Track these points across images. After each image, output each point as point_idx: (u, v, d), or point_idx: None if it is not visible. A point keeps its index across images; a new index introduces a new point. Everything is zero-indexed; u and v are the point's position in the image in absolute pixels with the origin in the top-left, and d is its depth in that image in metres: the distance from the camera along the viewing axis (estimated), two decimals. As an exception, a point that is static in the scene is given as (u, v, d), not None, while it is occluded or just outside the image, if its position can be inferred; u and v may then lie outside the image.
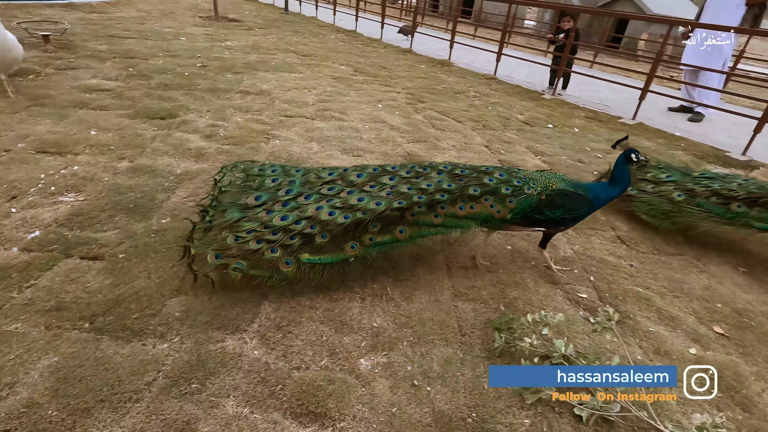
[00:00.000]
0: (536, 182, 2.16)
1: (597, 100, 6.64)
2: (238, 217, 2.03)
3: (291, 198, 2.13)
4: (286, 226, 1.96)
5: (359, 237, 1.99)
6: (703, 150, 4.85)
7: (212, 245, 1.92)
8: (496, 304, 2.11)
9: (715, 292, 2.39)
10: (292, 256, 1.91)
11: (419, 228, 2.08)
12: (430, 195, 2.08)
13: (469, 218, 2.12)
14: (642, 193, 2.97)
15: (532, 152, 4.21)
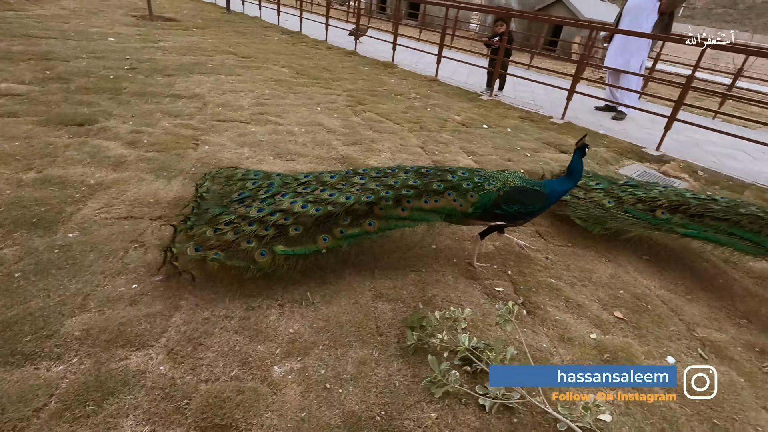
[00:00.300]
0: (495, 179, 2.35)
1: (531, 101, 6.98)
2: (219, 212, 2.19)
3: (269, 196, 2.28)
4: (261, 218, 2.08)
5: (330, 229, 2.11)
6: (622, 146, 5.22)
7: (192, 240, 2.01)
8: (415, 303, 2.17)
9: (619, 280, 2.58)
10: (267, 247, 2.01)
11: (387, 221, 2.22)
12: (396, 190, 2.25)
13: (433, 212, 2.29)
14: (575, 199, 3.04)
15: (465, 152, 4.36)
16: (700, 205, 2.66)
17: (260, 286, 2.09)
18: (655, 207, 2.76)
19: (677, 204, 2.71)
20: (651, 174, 4.54)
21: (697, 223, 2.63)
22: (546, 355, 1.94)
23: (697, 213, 2.64)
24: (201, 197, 2.36)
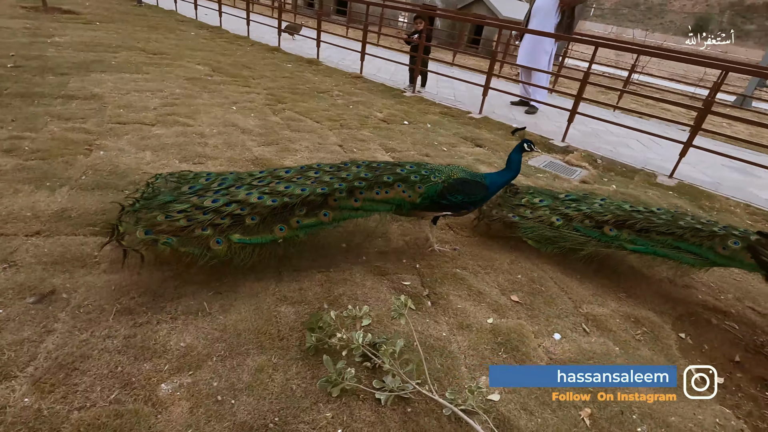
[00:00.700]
0: (441, 172, 2.53)
1: (452, 97, 7.23)
2: (169, 200, 2.14)
3: (223, 188, 2.26)
4: (217, 207, 2.09)
5: (287, 220, 2.19)
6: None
7: (141, 223, 1.97)
8: (320, 304, 2.16)
9: (519, 265, 2.76)
10: (223, 235, 2.03)
11: (341, 212, 2.33)
12: (349, 182, 2.35)
13: (384, 202, 2.43)
14: (524, 220, 2.88)
15: (384, 149, 4.41)
16: (644, 219, 2.62)
17: (149, 300, 1.97)
18: (603, 223, 2.68)
19: (623, 219, 2.65)
20: (556, 164, 4.89)
21: (644, 239, 2.59)
22: (444, 344, 2.01)
23: (643, 228, 2.60)
24: (152, 189, 2.27)
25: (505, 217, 2.90)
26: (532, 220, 2.86)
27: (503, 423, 1.67)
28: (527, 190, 3.21)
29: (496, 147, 5.01)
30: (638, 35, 25.63)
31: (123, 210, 2.04)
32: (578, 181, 4.45)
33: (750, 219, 4.16)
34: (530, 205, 2.98)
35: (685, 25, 50.62)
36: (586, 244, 2.67)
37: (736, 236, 2.45)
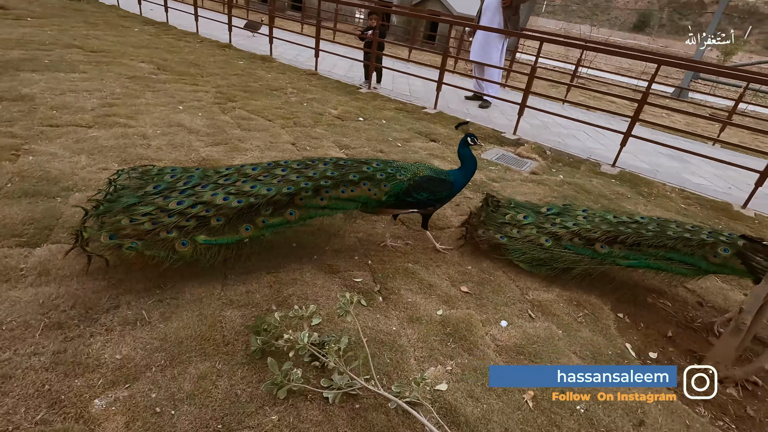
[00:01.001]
0: (407, 170, 2.55)
1: (407, 92, 7.27)
2: (133, 202, 2.11)
3: (188, 188, 2.23)
4: (181, 210, 2.07)
5: (253, 219, 2.18)
6: (486, 132, 5.70)
7: (105, 228, 1.96)
8: (268, 305, 2.12)
9: (469, 256, 2.82)
10: (188, 237, 2.02)
11: (308, 210, 2.33)
12: (315, 181, 2.35)
13: (350, 201, 2.43)
14: (512, 241, 2.75)
15: (337, 146, 4.38)
16: (633, 233, 2.57)
17: (81, 313, 1.87)
18: (593, 240, 2.60)
19: (613, 235, 2.58)
20: (508, 156, 5.03)
21: (636, 253, 2.54)
22: (394, 338, 2.03)
23: (634, 242, 2.54)
24: (114, 188, 2.25)
25: (493, 238, 2.77)
26: (520, 240, 2.74)
27: (450, 412, 1.70)
28: (508, 203, 3.10)
29: (449, 141, 5.09)
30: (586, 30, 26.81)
31: (86, 215, 2.03)
32: (528, 172, 4.60)
33: (684, 203, 4.45)
34: (515, 222, 2.88)
35: (629, 21, 53.23)
36: (579, 262, 2.58)
37: (725, 243, 2.44)
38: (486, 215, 2.97)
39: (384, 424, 1.62)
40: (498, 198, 3.16)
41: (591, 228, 2.67)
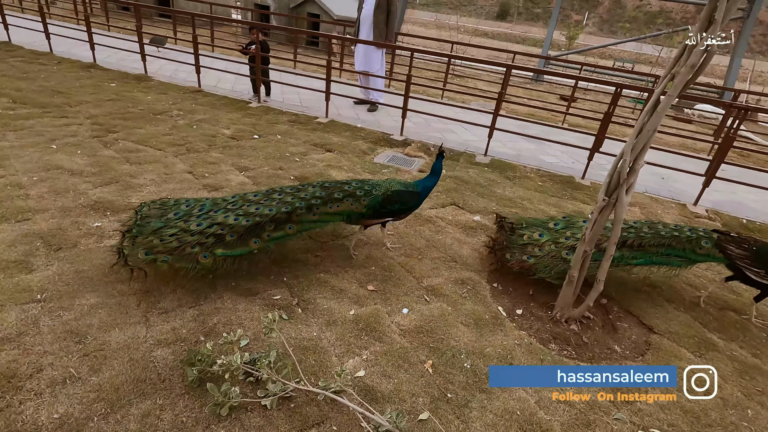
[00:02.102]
0: (380, 186, 3.07)
1: (298, 103, 7.49)
2: (160, 225, 2.58)
3: (203, 213, 2.72)
4: (201, 230, 2.57)
5: (259, 234, 2.69)
6: (376, 136, 6.21)
7: (141, 247, 2.45)
8: (196, 338, 2.31)
9: (372, 259, 3.26)
10: (209, 251, 2.52)
11: (303, 224, 2.86)
12: (307, 201, 2.87)
13: (337, 214, 2.98)
14: (538, 260, 3.02)
15: (237, 169, 4.50)
16: (635, 236, 3.02)
17: (2, 383, 1.89)
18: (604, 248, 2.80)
19: (622, 240, 2.95)
20: (398, 157, 5.59)
21: (642, 252, 2.98)
22: (316, 342, 2.38)
23: (639, 244, 2.99)
24: (141, 217, 2.68)
25: (522, 261, 3.04)
26: (545, 257, 3.02)
27: (368, 391, 2.12)
28: (520, 224, 3.34)
29: (344, 150, 5.49)
30: (456, 20, 29.25)
31: (123, 236, 2.55)
32: (417, 171, 5.20)
33: (540, 180, 5.44)
34: (534, 242, 3.13)
35: (492, 10, 58.49)
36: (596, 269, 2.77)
37: (704, 236, 3.05)
38: (507, 239, 3.23)
39: (317, 415, 1.98)
40: (510, 219, 3.42)
41: (600, 237, 2.88)
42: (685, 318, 3.04)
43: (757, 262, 2.95)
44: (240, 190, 3.97)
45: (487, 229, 3.87)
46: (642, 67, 23.42)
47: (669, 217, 4.85)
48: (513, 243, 3.19)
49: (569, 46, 27.59)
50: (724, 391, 2.44)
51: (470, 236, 3.66)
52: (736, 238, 3.08)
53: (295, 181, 4.35)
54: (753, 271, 2.95)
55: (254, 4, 14.71)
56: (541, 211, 4.45)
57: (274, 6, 14.29)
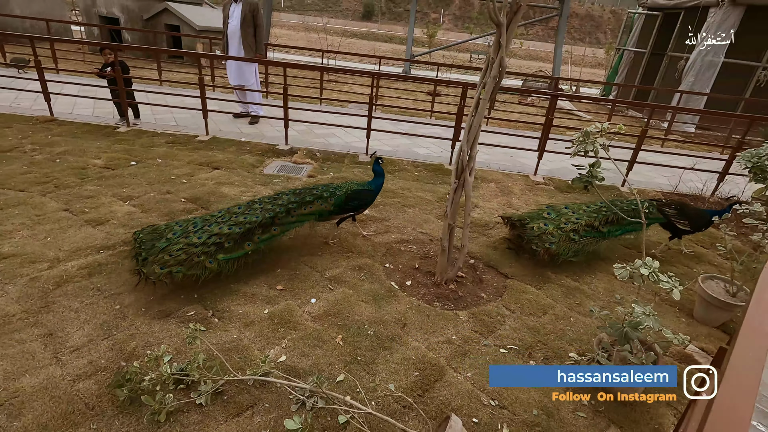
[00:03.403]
0: (342, 188, 3.74)
1: (174, 122, 7.26)
2: (166, 244, 3.01)
3: (198, 229, 3.16)
4: (203, 242, 3.04)
5: (251, 238, 3.23)
6: (262, 148, 6.40)
7: (155, 264, 2.87)
8: (116, 364, 2.43)
9: (278, 261, 3.57)
10: (212, 257, 3.02)
11: (284, 225, 3.43)
12: (285, 206, 3.44)
13: (311, 214, 3.58)
14: (557, 244, 3.69)
15: (120, 199, 4.38)
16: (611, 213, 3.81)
17: None
18: (596, 226, 3.80)
19: (604, 219, 3.82)
20: (287, 166, 5.88)
21: (617, 225, 3.84)
22: (237, 343, 2.66)
23: (614, 219, 3.80)
24: (140, 242, 3.11)
25: (547, 249, 3.66)
26: (561, 241, 3.71)
27: (292, 370, 2.49)
28: (524, 219, 3.94)
29: (232, 165, 5.60)
30: (324, 22, 29.83)
31: (136, 260, 2.98)
32: (306, 176, 5.57)
33: (416, 171, 6.22)
34: (543, 231, 3.76)
35: (358, 11, 60.46)
36: (592, 244, 3.81)
37: (650, 204, 4.00)
38: (525, 234, 3.81)
39: (249, 399, 2.29)
40: (516, 217, 4.03)
41: (592, 218, 3.83)
42: (528, 263, 3.97)
43: (681, 217, 4.07)
44: (128, 221, 3.94)
45: (375, 220, 4.44)
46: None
47: (517, 188, 5.99)
48: (528, 235, 3.79)
49: (431, 43, 30.14)
50: (555, 309, 3.35)
51: (362, 228, 4.19)
52: (668, 203, 4.17)
53: (186, 203, 4.41)
54: (681, 223, 4.06)
55: (99, 17, 13.35)
56: (419, 197, 5.19)
57: (124, 19, 13.16)
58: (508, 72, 14.07)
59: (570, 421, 2.36)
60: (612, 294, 3.63)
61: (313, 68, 9.36)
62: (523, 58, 34.26)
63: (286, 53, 19.97)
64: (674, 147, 9.47)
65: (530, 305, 3.36)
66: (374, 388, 2.44)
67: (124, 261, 3.36)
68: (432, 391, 2.47)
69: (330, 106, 9.68)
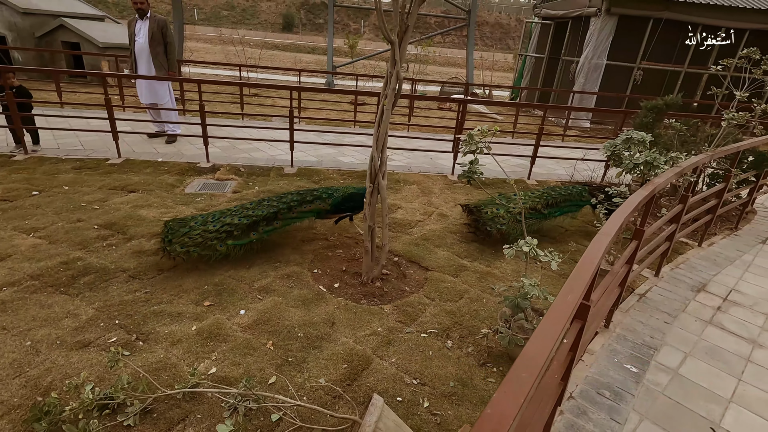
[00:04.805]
0: (340, 191, 4.27)
1: (79, 146, 6.81)
2: (187, 230, 3.64)
3: (215, 220, 3.76)
4: (217, 229, 3.65)
5: (256, 229, 3.81)
6: (182, 167, 6.24)
7: (177, 244, 3.53)
8: (32, 401, 2.34)
9: (203, 278, 3.57)
10: (223, 242, 3.64)
11: (286, 220, 3.97)
12: (287, 203, 3.98)
13: (310, 212, 4.10)
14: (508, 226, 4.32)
15: (22, 233, 4.09)
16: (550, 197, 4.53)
17: None
18: (538, 209, 4.44)
19: (545, 202, 4.47)
20: (210, 183, 5.81)
21: (556, 208, 4.55)
22: (165, 362, 2.66)
23: (554, 203, 4.49)
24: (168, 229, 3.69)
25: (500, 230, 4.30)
26: (510, 223, 4.32)
27: (223, 380, 2.55)
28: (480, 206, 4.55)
29: (149, 187, 5.43)
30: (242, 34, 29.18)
31: (163, 241, 3.59)
32: (231, 192, 5.55)
33: (342, 178, 6.44)
34: (496, 214, 4.39)
35: (277, 23, 59.77)
36: (539, 223, 4.56)
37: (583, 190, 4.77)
38: (480, 218, 4.41)
39: (180, 414, 2.33)
40: (473, 204, 4.65)
41: (535, 202, 4.44)
42: (447, 254, 4.34)
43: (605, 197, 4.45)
44: (34, 254, 3.71)
45: (300, 229, 4.58)
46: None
47: (437, 187, 6.43)
48: (486, 219, 4.39)
49: (352, 54, 30.71)
50: (470, 293, 3.72)
51: (286, 238, 4.31)
52: (596, 187, 4.91)
53: (100, 230, 4.23)
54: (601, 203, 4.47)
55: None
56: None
57: (12, 36, 11.99)
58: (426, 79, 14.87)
59: (482, 387, 2.69)
60: (519, 275, 4.09)
61: (230, 83, 9.23)
62: (442, 65, 36.08)
63: (204, 68, 19.31)
64: (573, 141, 10.65)
65: (448, 292, 3.70)
66: (304, 383, 2.59)
67: (32, 296, 3.19)
68: (360, 380, 2.67)
69: (253, 120, 9.62)
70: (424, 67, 20.95)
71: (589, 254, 1.64)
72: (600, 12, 11.80)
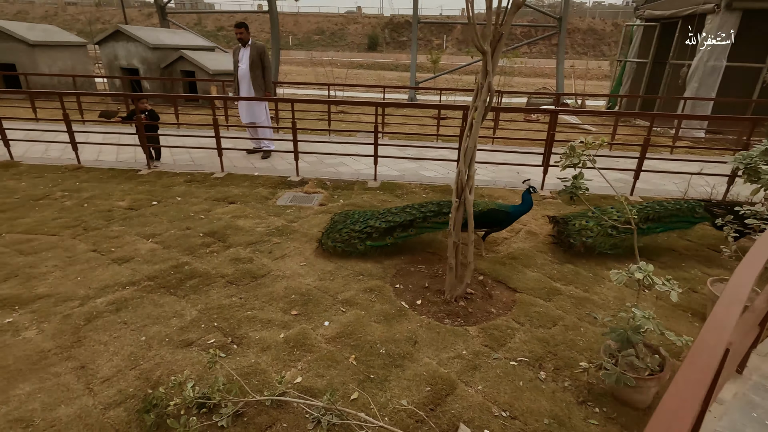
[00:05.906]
0: (479, 205, 4.20)
1: (191, 161, 7.64)
2: (341, 227, 4.25)
3: (362, 220, 4.27)
4: (360, 230, 4.15)
5: (392, 233, 4.16)
6: (274, 181, 6.67)
7: (329, 239, 4.24)
8: (143, 392, 2.57)
9: (291, 288, 3.72)
10: (363, 242, 4.14)
11: (420, 229, 4.19)
12: (424, 213, 4.20)
13: (444, 224, 4.12)
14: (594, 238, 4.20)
15: (143, 237, 4.64)
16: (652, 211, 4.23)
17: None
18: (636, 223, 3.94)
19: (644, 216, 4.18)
20: (299, 196, 6.11)
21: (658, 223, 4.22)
22: (255, 366, 2.78)
23: (656, 217, 4.19)
24: (333, 222, 4.44)
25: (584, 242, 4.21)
26: (598, 236, 4.18)
27: (307, 390, 2.58)
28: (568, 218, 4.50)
29: (246, 199, 5.87)
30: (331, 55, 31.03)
31: (323, 234, 4.35)
32: (318, 205, 5.78)
33: (424, 193, 6.38)
34: (585, 227, 4.26)
35: (363, 43, 62.46)
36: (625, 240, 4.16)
37: (696, 206, 4.27)
38: (564, 230, 4.37)
39: (268, 420, 2.39)
40: (560, 216, 4.66)
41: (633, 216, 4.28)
42: (537, 276, 4.02)
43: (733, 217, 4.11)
44: (151, 257, 4.17)
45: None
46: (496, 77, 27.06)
47: (525, 203, 6.06)
48: (571, 230, 4.32)
49: (435, 69, 30.89)
50: (565, 320, 3.38)
51: (373, 251, 4.34)
52: (716, 203, 4.37)
53: (204, 237, 4.64)
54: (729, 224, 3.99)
55: (120, 69, 14.27)
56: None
57: (143, 68, 14.03)
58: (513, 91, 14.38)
59: (581, 428, 2.39)
60: (623, 302, 3.64)
61: (319, 102, 9.76)
62: (529, 76, 34.71)
63: (296, 89, 20.78)
64: (684, 153, 9.44)
65: (540, 317, 3.40)
66: (386, 403, 2.52)
67: (148, 295, 3.56)
68: (443, 405, 2.53)
69: (339, 136, 10.03)
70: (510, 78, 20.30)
71: (733, 288, 1.35)
72: (719, 8, 10.43)
